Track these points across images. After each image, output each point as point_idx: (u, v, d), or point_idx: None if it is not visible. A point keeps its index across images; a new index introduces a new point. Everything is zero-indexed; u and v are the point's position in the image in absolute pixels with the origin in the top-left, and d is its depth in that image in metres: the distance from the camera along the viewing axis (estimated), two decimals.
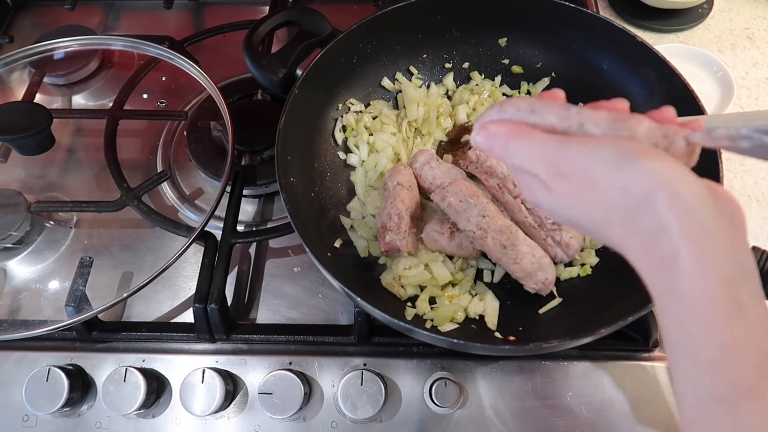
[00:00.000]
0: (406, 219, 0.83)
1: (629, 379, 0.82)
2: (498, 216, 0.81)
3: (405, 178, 0.87)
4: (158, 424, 0.82)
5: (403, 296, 0.83)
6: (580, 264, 0.86)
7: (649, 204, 0.43)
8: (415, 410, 0.81)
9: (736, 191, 1.03)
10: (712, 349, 0.40)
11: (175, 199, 1.04)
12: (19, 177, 1.07)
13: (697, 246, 0.41)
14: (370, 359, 0.83)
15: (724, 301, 0.40)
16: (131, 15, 1.35)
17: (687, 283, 0.41)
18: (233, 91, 1.13)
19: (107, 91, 1.21)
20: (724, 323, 0.40)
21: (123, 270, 0.96)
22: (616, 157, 0.45)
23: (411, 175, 0.88)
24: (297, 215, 0.78)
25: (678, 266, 0.42)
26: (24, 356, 0.86)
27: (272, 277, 0.95)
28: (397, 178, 0.87)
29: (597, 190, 0.46)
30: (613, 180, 0.45)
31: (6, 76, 1.18)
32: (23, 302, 0.94)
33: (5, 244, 0.97)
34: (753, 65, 1.21)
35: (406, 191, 0.85)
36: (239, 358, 0.85)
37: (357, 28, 0.95)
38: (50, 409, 0.79)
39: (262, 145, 1.04)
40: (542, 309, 0.82)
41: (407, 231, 0.83)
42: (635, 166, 0.44)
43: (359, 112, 1.00)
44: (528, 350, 0.74)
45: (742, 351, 0.40)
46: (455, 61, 1.06)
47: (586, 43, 0.98)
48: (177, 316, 0.92)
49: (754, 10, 1.30)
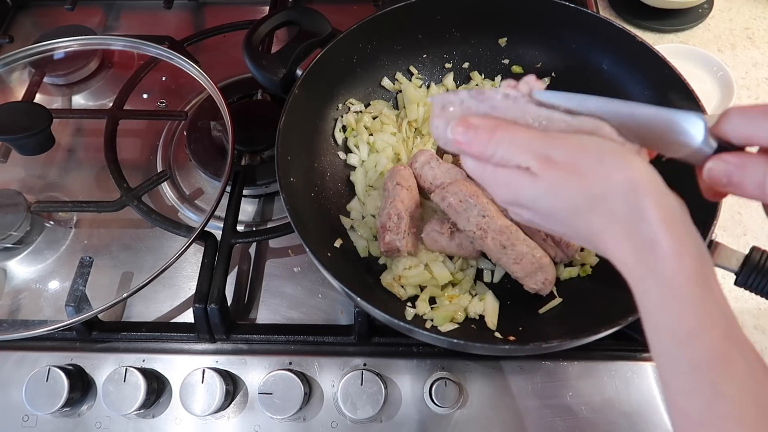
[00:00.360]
0: (405, 219, 0.83)
1: (629, 379, 0.82)
2: (498, 216, 0.81)
3: (404, 178, 0.87)
4: (158, 424, 0.82)
5: (403, 296, 0.83)
6: (580, 264, 0.86)
7: (628, 192, 0.48)
8: (415, 410, 0.81)
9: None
10: (690, 322, 0.46)
11: (175, 199, 1.04)
12: (19, 177, 1.07)
13: (673, 230, 0.47)
14: (370, 359, 0.83)
15: (697, 278, 0.46)
16: (131, 15, 1.35)
17: (667, 263, 0.46)
18: (233, 91, 1.13)
19: (107, 91, 1.21)
20: (699, 298, 0.46)
21: (123, 270, 0.96)
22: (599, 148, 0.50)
23: (410, 175, 0.88)
24: (297, 215, 0.78)
25: (658, 249, 0.47)
26: (24, 356, 0.86)
27: (272, 277, 0.95)
28: (396, 178, 0.87)
29: (582, 177, 0.50)
30: (597, 168, 0.50)
31: (6, 76, 1.18)
32: (23, 302, 0.94)
33: (5, 244, 0.97)
34: (753, 65, 1.21)
35: (406, 191, 0.85)
36: (239, 358, 0.85)
37: (357, 28, 0.95)
38: (50, 409, 0.79)
39: (262, 145, 1.04)
40: (542, 309, 0.82)
41: (407, 231, 0.83)
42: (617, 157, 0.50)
43: (359, 112, 1.00)
44: (528, 350, 0.74)
45: (714, 321, 0.46)
46: (455, 61, 1.06)
47: (586, 43, 0.98)
48: (177, 316, 0.92)
49: (754, 10, 1.30)
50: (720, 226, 0.94)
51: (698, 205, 0.77)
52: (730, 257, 0.69)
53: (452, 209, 0.81)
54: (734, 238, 0.99)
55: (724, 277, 0.92)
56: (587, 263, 0.86)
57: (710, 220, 0.73)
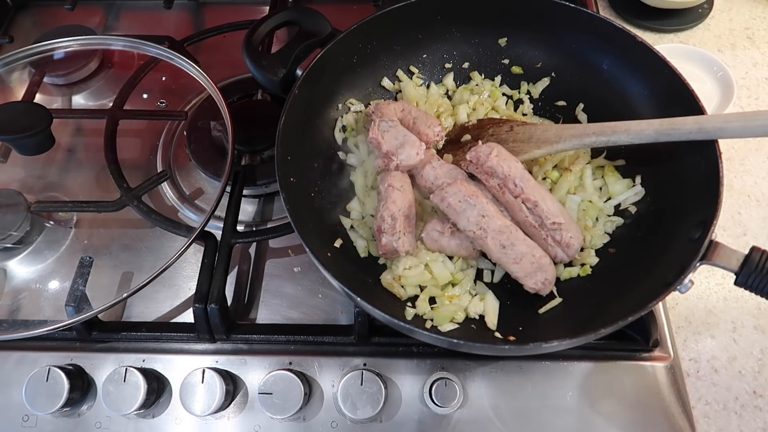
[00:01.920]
0: (399, 220, 0.83)
1: (629, 379, 0.82)
2: (498, 216, 0.81)
3: (396, 180, 0.87)
4: (158, 424, 0.82)
5: (403, 296, 0.83)
6: (580, 264, 0.86)
7: None
8: (415, 410, 0.81)
9: (736, 191, 1.03)
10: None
11: (175, 199, 1.04)
12: (19, 177, 1.07)
13: None
14: (370, 359, 0.83)
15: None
16: (131, 15, 1.35)
17: None
18: (233, 91, 1.13)
19: (107, 91, 1.21)
20: None
21: (123, 270, 0.96)
22: None
23: (402, 177, 0.88)
24: (297, 215, 0.78)
25: None
26: (24, 356, 0.86)
27: (272, 277, 0.95)
28: (387, 180, 0.87)
29: None
30: None
31: (6, 76, 1.18)
32: (23, 302, 0.94)
33: (5, 244, 0.97)
34: (753, 65, 1.21)
35: (398, 192, 0.85)
36: (239, 358, 0.85)
37: (357, 28, 0.95)
38: (50, 409, 0.79)
39: (262, 145, 1.04)
40: (542, 309, 0.82)
41: (402, 231, 0.83)
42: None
43: (359, 112, 1.00)
44: (528, 350, 0.74)
45: None
46: (455, 61, 1.06)
47: (586, 43, 0.98)
48: (177, 316, 0.92)
49: (754, 10, 1.30)
50: (720, 226, 0.94)
51: (698, 205, 0.77)
52: (730, 257, 0.69)
53: (452, 210, 0.81)
54: (734, 238, 0.99)
55: (723, 277, 0.94)
56: (587, 263, 0.86)
57: (710, 220, 0.72)
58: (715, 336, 0.89)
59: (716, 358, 0.88)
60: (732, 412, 0.83)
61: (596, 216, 0.89)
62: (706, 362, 0.87)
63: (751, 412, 0.83)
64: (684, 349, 0.88)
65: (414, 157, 0.87)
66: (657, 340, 0.84)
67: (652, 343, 0.83)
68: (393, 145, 0.88)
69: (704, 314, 0.91)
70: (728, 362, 0.87)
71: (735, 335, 0.89)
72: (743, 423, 0.82)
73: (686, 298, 0.93)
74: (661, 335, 0.85)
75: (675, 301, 0.92)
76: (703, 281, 0.94)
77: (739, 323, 0.90)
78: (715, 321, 0.91)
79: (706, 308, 0.92)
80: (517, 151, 0.89)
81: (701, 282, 0.94)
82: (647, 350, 0.84)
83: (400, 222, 0.83)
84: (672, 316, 0.90)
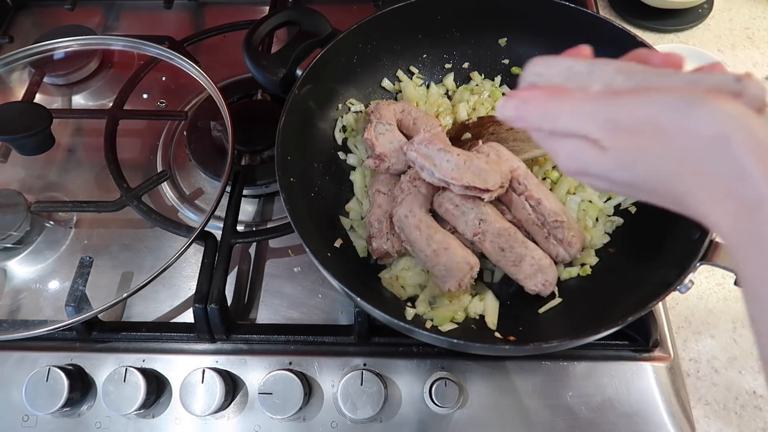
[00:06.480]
0: (385, 222, 0.84)
1: (629, 379, 0.82)
2: (496, 219, 0.80)
3: (383, 185, 0.88)
4: (158, 424, 0.82)
5: (403, 296, 0.83)
6: (580, 264, 0.86)
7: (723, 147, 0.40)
8: (415, 410, 0.81)
9: None
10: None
11: (175, 199, 1.04)
12: (19, 177, 1.07)
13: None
14: (370, 359, 0.83)
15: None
16: (131, 15, 1.35)
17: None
18: (233, 91, 1.13)
19: (107, 91, 1.21)
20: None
21: (123, 270, 0.96)
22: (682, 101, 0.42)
23: (390, 180, 0.89)
24: (297, 215, 0.78)
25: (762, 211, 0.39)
26: (24, 356, 0.86)
27: (272, 277, 0.95)
28: (375, 185, 0.88)
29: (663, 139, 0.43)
30: (681, 125, 0.42)
31: (6, 76, 1.18)
32: (23, 302, 0.94)
33: (5, 244, 0.97)
34: (753, 65, 1.21)
35: (384, 197, 0.86)
36: (239, 358, 0.85)
37: (357, 28, 0.95)
38: (50, 409, 0.79)
39: (262, 145, 1.04)
40: (542, 309, 0.82)
41: (391, 232, 0.83)
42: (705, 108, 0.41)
43: (359, 112, 1.00)
44: (528, 350, 0.74)
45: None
46: (455, 61, 1.06)
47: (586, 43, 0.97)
48: (177, 316, 0.92)
49: (754, 10, 1.30)
50: None
51: None
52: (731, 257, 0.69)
53: (449, 214, 0.81)
54: None
55: (723, 277, 0.94)
56: (587, 263, 0.86)
57: None
58: (715, 336, 0.89)
59: (716, 358, 0.88)
60: (732, 412, 0.83)
61: (596, 216, 0.90)
62: (706, 362, 0.87)
63: (751, 412, 0.83)
64: (684, 349, 0.88)
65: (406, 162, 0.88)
66: (657, 340, 0.84)
67: (652, 343, 0.83)
68: (387, 148, 0.88)
69: (704, 314, 0.91)
70: (728, 362, 0.87)
71: (735, 335, 0.89)
72: (743, 423, 0.82)
73: (686, 298, 0.93)
74: (661, 335, 0.85)
75: (675, 301, 0.93)
76: (703, 281, 0.94)
77: (739, 323, 0.90)
78: (715, 321, 0.91)
79: (706, 308, 0.92)
80: (517, 150, 0.89)
81: (701, 282, 0.94)
82: (647, 350, 0.84)
83: (386, 223, 0.83)
84: (672, 316, 0.90)
